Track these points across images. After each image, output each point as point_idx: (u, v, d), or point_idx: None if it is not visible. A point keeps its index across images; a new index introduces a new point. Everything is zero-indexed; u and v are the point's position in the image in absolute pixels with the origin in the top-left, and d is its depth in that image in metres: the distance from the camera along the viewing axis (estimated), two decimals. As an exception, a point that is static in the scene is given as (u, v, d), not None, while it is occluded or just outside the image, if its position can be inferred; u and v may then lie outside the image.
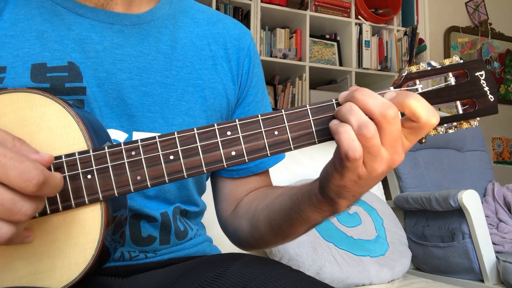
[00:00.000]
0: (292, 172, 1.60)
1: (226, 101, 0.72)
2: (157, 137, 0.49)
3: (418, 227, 1.92)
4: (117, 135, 0.61)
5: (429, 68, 0.50)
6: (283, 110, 0.49)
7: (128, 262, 0.63)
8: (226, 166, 0.49)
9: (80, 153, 0.48)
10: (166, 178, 0.48)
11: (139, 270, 0.64)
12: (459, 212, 1.67)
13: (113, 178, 0.48)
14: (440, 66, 0.50)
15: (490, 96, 0.49)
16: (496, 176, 2.32)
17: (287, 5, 2.79)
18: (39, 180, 0.40)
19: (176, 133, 0.49)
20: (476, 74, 0.50)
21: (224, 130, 0.49)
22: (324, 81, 3.11)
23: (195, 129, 0.49)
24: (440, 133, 0.50)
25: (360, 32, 2.97)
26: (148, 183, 0.48)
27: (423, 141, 0.49)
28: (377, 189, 1.78)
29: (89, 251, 0.48)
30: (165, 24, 0.69)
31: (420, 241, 1.88)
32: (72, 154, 0.48)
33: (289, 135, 0.49)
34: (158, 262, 0.66)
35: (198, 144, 0.49)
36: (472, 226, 1.62)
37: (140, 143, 0.48)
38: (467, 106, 0.50)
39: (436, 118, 0.45)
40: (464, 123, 0.50)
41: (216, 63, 0.71)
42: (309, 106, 0.49)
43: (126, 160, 0.48)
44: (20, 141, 0.44)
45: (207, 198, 0.79)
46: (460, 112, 0.50)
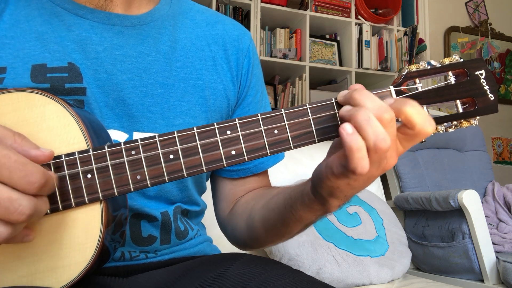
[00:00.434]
0: (292, 172, 1.60)
1: (226, 102, 0.72)
2: (157, 137, 0.49)
3: (418, 227, 1.92)
4: (118, 136, 0.61)
5: (429, 67, 0.50)
6: (283, 109, 0.49)
7: (129, 262, 0.63)
8: (226, 166, 0.49)
9: (80, 152, 0.48)
10: (166, 178, 0.48)
11: (140, 270, 0.64)
12: (459, 212, 1.67)
13: (113, 178, 0.48)
14: (440, 65, 0.50)
15: (490, 95, 0.49)
16: (496, 176, 2.32)
17: (287, 5, 2.79)
18: (41, 183, 0.42)
19: (176, 133, 0.49)
20: (476, 73, 0.50)
21: (224, 129, 0.49)
22: (324, 81, 3.11)
23: (195, 128, 0.49)
24: (440, 132, 0.50)
25: (360, 32, 2.97)
26: (148, 183, 0.48)
27: (423, 141, 0.49)
28: (377, 189, 1.78)
29: (89, 251, 0.48)
30: (165, 25, 0.69)
31: (420, 241, 1.88)
32: (72, 154, 0.48)
33: (289, 134, 0.49)
34: (159, 262, 0.66)
35: (198, 143, 0.49)
36: (472, 226, 1.62)
37: (140, 143, 0.48)
38: (467, 105, 0.50)
39: (432, 128, 0.44)
40: (464, 122, 0.50)
41: (216, 64, 0.71)
42: (309, 105, 0.49)
43: (126, 160, 0.48)
44: (21, 137, 0.45)
45: (208, 199, 0.79)
46: (460, 111, 0.50)
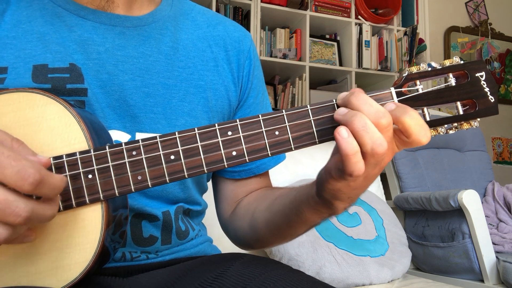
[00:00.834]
0: (293, 172, 1.60)
1: (228, 103, 0.72)
2: (158, 137, 0.49)
3: (418, 227, 1.92)
4: (120, 136, 0.61)
5: (430, 69, 0.50)
6: (284, 110, 0.49)
7: (129, 263, 0.63)
8: (227, 166, 0.49)
9: (81, 153, 0.48)
10: (167, 178, 0.49)
11: (140, 271, 0.64)
12: (459, 212, 1.67)
13: (114, 178, 0.48)
14: (441, 67, 0.50)
15: (491, 97, 0.49)
16: (496, 176, 2.32)
17: (287, 5, 2.79)
18: (35, 179, 0.40)
19: (177, 133, 0.49)
20: (477, 75, 0.50)
21: (225, 130, 0.49)
22: (324, 81, 3.11)
23: (196, 129, 0.49)
24: (441, 134, 0.50)
25: (360, 32, 2.97)
26: (149, 183, 0.49)
27: (423, 141, 0.49)
28: (377, 189, 1.78)
29: (90, 251, 0.48)
30: (166, 26, 0.69)
31: (420, 241, 1.88)
32: (73, 154, 0.48)
33: (290, 135, 0.49)
34: (160, 263, 0.66)
35: (199, 144, 0.49)
36: (472, 226, 1.62)
37: (141, 143, 0.49)
38: (468, 107, 0.50)
39: (426, 139, 0.45)
40: (465, 124, 0.50)
41: (218, 65, 0.71)
42: (310, 106, 0.49)
43: (127, 160, 0.48)
44: (18, 142, 0.44)
45: (208, 199, 0.79)
46: (461, 113, 0.50)
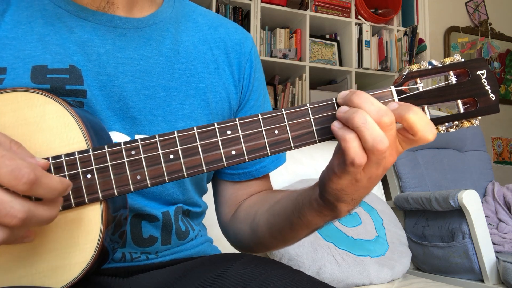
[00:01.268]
0: (292, 173, 1.60)
1: (228, 105, 0.72)
2: (157, 137, 0.48)
3: (418, 227, 1.92)
4: (120, 138, 0.61)
5: (430, 67, 0.50)
6: (283, 109, 0.49)
7: (129, 263, 0.63)
8: (226, 166, 0.49)
9: (80, 152, 0.48)
10: (166, 178, 0.48)
11: (140, 271, 0.63)
12: (459, 212, 1.67)
13: (113, 178, 0.48)
14: (441, 65, 0.50)
15: (492, 95, 0.49)
16: (496, 176, 2.32)
17: (287, 5, 2.79)
18: (30, 179, 0.39)
19: (176, 133, 0.49)
20: (477, 73, 0.49)
21: (224, 129, 0.49)
22: (324, 81, 3.11)
23: (195, 129, 0.49)
24: (442, 132, 0.50)
25: (360, 32, 2.97)
26: (148, 183, 0.48)
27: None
28: (377, 189, 1.78)
29: (89, 251, 0.48)
30: (167, 28, 0.68)
31: (420, 241, 1.88)
32: (72, 154, 0.48)
33: (290, 134, 0.49)
34: (159, 263, 0.65)
35: (198, 144, 0.48)
36: (472, 226, 1.62)
37: (140, 143, 0.48)
38: (468, 105, 0.50)
39: (433, 135, 0.45)
40: (466, 122, 0.50)
41: (218, 67, 0.71)
42: (310, 105, 0.49)
43: (126, 160, 0.48)
44: (17, 144, 0.44)
45: (208, 199, 0.79)
46: (462, 111, 0.50)
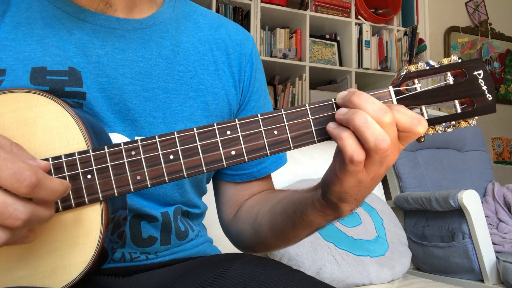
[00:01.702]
0: (293, 173, 1.60)
1: (228, 107, 0.72)
2: (157, 137, 0.49)
3: (418, 227, 1.92)
4: (120, 140, 0.61)
5: (428, 68, 0.50)
6: (283, 110, 0.49)
7: (129, 263, 0.63)
8: (226, 166, 0.49)
9: (80, 153, 0.48)
10: (166, 178, 0.49)
11: (140, 271, 0.64)
12: (459, 212, 1.67)
13: (113, 178, 0.48)
14: (439, 66, 0.50)
15: (488, 95, 0.50)
16: (496, 176, 2.32)
17: (287, 5, 2.79)
18: (32, 181, 0.40)
19: (176, 133, 0.49)
20: (474, 73, 0.50)
21: (224, 130, 0.49)
22: (324, 81, 3.11)
23: (195, 129, 0.49)
24: (439, 132, 0.50)
25: (360, 32, 2.97)
26: (148, 183, 0.48)
27: (422, 140, 0.49)
28: (377, 189, 1.78)
29: (89, 251, 0.48)
30: (167, 29, 0.68)
31: (420, 241, 1.88)
32: (72, 154, 0.48)
33: (289, 135, 0.49)
34: (159, 263, 0.66)
35: (198, 144, 0.49)
36: (472, 226, 1.62)
37: (140, 143, 0.49)
38: (466, 105, 0.50)
39: (422, 127, 0.46)
40: (463, 122, 0.50)
41: (218, 69, 0.71)
42: (309, 106, 0.49)
43: (126, 160, 0.48)
44: (18, 147, 0.44)
45: (208, 199, 0.79)
46: (459, 111, 0.50)
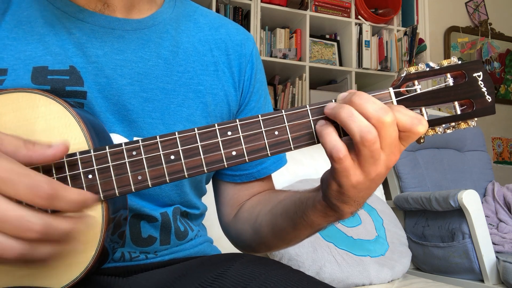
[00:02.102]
0: (293, 173, 1.60)
1: (228, 108, 0.71)
2: (158, 137, 0.49)
3: (418, 227, 1.92)
4: (119, 140, 0.61)
5: (428, 69, 0.50)
6: (283, 110, 0.49)
7: (129, 263, 0.63)
8: (227, 166, 0.49)
9: (81, 153, 0.48)
10: (167, 178, 0.49)
11: (140, 271, 0.64)
12: (459, 212, 1.67)
13: (114, 178, 0.48)
14: (439, 67, 0.50)
15: (488, 97, 0.50)
16: (496, 176, 2.33)
17: (287, 5, 2.79)
18: (49, 193, 0.40)
19: (177, 133, 0.49)
20: (474, 75, 0.50)
21: (225, 130, 0.49)
22: (324, 81, 3.11)
23: (196, 129, 0.49)
24: (439, 133, 0.50)
25: (360, 32, 2.97)
26: (149, 183, 0.49)
27: (422, 141, 0.49)
28: (377, 189, 1.78)
29: (90, 251, 0.48)
30: (167, 29, 0.68)
31: (420, 241, 1.88)
32: (73, 154, 0.48)
33: (290, 135, 0.49)
34: (159, 263, 0.66)
35: (199, 144, 0.49)
36: (472, 226, 1.62)
37: (141, 143, 0.49)
38: (465, 107, 0.50)
39: (422, 126, 0.46)
40: (462, 124, 0.50)
41: (218, 69, 0.71)
42: (309, 106, 0.49)
43: (127, 160, 0.48)
44: (31, 142, 0.44)
45: (208, 200, 0.79)
46: (458, 113, 0.50)
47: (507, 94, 3.47)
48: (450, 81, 0.50)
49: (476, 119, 0.50)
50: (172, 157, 0.49)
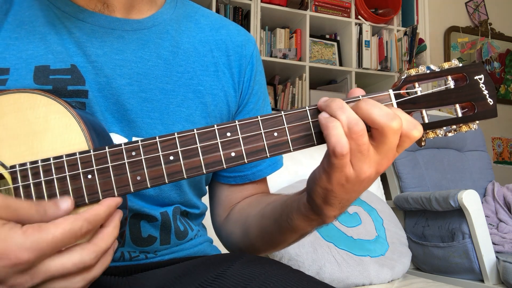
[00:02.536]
0: (293, 173, 1.60)
1: (227, 108, 0.71)
2: (157, 138, 0.49)
3: (418, 227, 1.92)
4: (118, 140, 0.61)
5: (428, 72, 0.50)
6: (283, 112, 0.49)
7: (128, 263, 0.63)
8: (226, 167, 0.49)
9: (81, 153, 0.48)
10: (166, 179, 0.49)
11: (139, 271, 0.64)
12: (459, 212, 1.67)
13: (113, 178, 0.48)
14: (439, 70, 0.50)
15: (489, 100, 0.49)
16: (496, 176, 2.32)
17: (287, 5, 2.79)
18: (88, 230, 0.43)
19: (176, 134, 0.49)
20: (475, 78, 0.50)
21: (224, 131, 0.49)
22: (324, 81, 3.11)
23: (195, 130, 0.49)
24: (440, 136, 0.50)
25: (360, 32, 2.97)
26: (148, 184, 0.49)
27: (422, 144, 0.49)
28: (377, 189, 1.79)
29: (90, 251, 0.48)
30: (167, 30, 0.68)
31: (420, 241, 1.88)
32: (73, 154, 0.48)
33: (289, 137, 0.49)
34: (159, 263, 0.66)
35: (198, 145, 0.49)
36: (472, 226, 1.62)
37: (141, 144, 0.49)
38: (466, 110, 0.50)
39: (417, 131, 0.46)
40: (464, 126, 0.50)
41: (218, 70, 0.71)
42: (309, 108, 0.49)
43: (127, 161, 0.48)
44: (39, 204, 0.44)
45: (208, 200, 0.79)
46: (460, 115, 0.50)
47: (507, 94, 3.47)
48: (451, 84, 0.50)
49: (478, 122, 0.50)
50: (171, 158, 0.49)
